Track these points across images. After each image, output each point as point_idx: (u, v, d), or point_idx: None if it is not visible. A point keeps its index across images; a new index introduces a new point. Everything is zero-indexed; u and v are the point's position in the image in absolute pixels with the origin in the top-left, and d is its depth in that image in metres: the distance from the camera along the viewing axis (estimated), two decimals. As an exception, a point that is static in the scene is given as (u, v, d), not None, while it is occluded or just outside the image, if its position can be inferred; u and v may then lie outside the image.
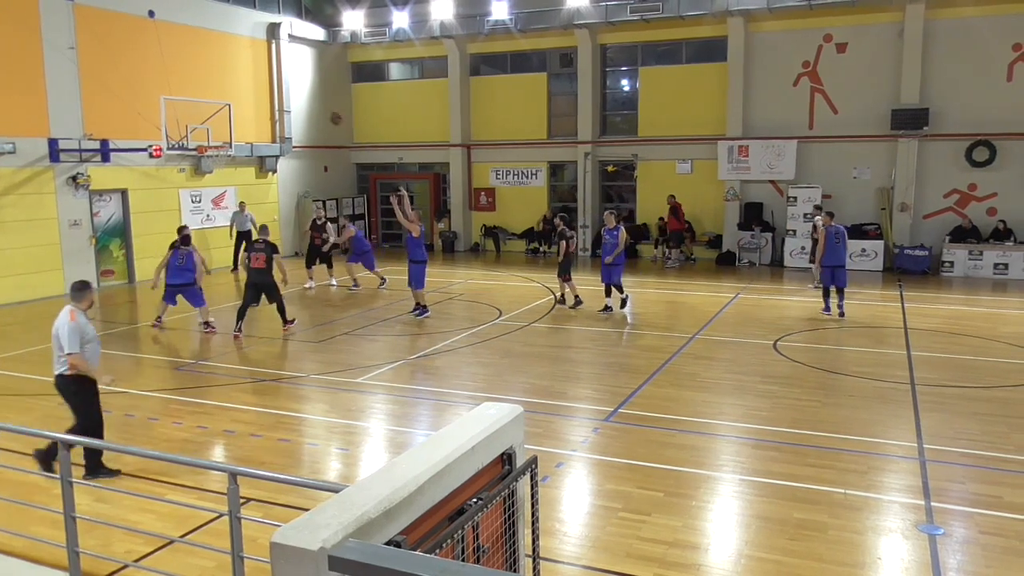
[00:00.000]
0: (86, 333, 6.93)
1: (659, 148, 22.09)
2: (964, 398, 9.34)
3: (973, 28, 18.65)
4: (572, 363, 11.43)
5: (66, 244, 17.37)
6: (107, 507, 6.53)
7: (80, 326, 6.87)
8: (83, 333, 6.88)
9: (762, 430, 8.31)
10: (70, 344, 6.78)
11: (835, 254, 13.73)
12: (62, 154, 16.99)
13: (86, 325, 6.96)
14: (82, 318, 6.95)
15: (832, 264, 13.79)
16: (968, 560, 5.63)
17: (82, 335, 6.87)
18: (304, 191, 24.08)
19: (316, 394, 10.01)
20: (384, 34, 23.68)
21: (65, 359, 6.85)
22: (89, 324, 7.04)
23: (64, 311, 6.96)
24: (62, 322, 6.88)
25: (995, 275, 18.37)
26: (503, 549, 3.55)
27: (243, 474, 4.52)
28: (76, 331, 6.82)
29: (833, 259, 13.75)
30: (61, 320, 6.90)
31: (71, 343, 6.78)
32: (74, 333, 6.80)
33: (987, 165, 18.83)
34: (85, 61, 17.44)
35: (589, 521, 6.39)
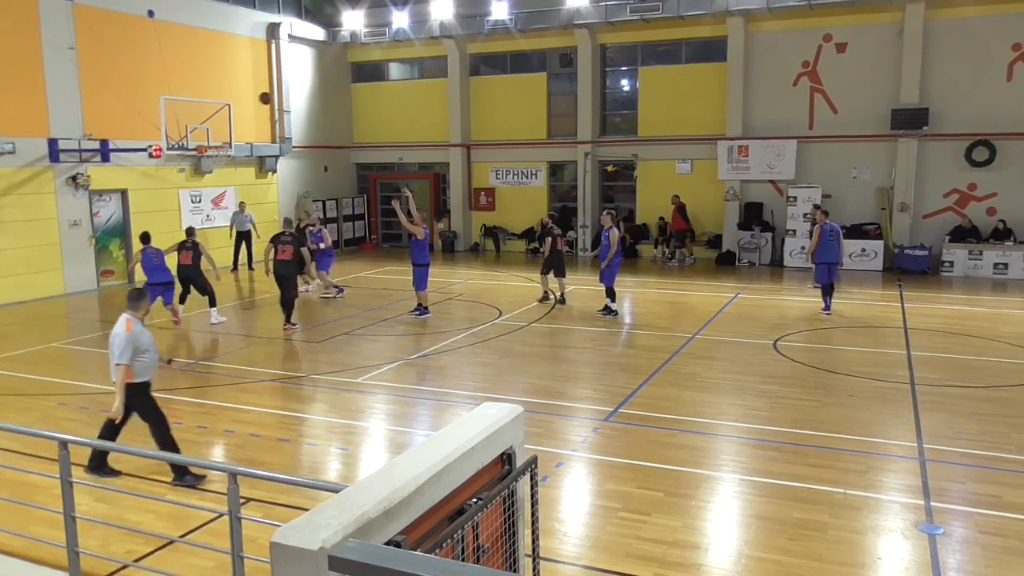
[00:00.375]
0: (141, 343, 6.87)
1: (659, 148, 22.09)
2: (964, 398, 9.34)
3: (973, 28, 18.65)
4: (572, 363, 11.43)
5: (66, 244, 17.37)
6: (107, 507, 6.53)
7: (135, 336, 6.81)
8: (137, 343, 6.83)
9: (762, 430, 8.32)
10: (120, 355, 6.74)
11: (831, 251, 13.94)
12: (62, 154, 16.99)
13: (141, 335, 6.90)
14: (138, 327, 6.89)
15: (828, 261, 14.00)
16: (968, 560, 5.63)
17: (136, 345, 6.81)
18: (304, 191, 24.08)
19: (316, 394, 10.01)
20: (384, 34, 23.69)
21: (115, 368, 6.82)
22: (145, 333, 6.98)
23: (121, 320, 6.92)
24: (118, 331, 6.84)
25: (995, 275, 18.37)
26: (503, 549, 3.55)
27: (243, 474, 4.52)
28: (130, 342, 6.77)
29: (829, 256, 13.97)
30: (117, 329, 6.86)
31: (121, 354, 6.74)
32: (128, 344, 6.76)
33: (987, 165, 18.83)
34: (85, 61, 17.44)
35: (589, 521, 6.39)
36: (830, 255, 13.95)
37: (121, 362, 6.75)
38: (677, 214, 21.05)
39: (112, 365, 6.89)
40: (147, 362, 6.94)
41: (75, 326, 14.54)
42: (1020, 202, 18.67)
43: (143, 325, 6.98)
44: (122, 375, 6.78)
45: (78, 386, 10.31)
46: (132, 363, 6.80)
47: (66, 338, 13.26)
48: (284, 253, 13.38)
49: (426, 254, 14.15)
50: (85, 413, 9.20)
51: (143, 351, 6.88)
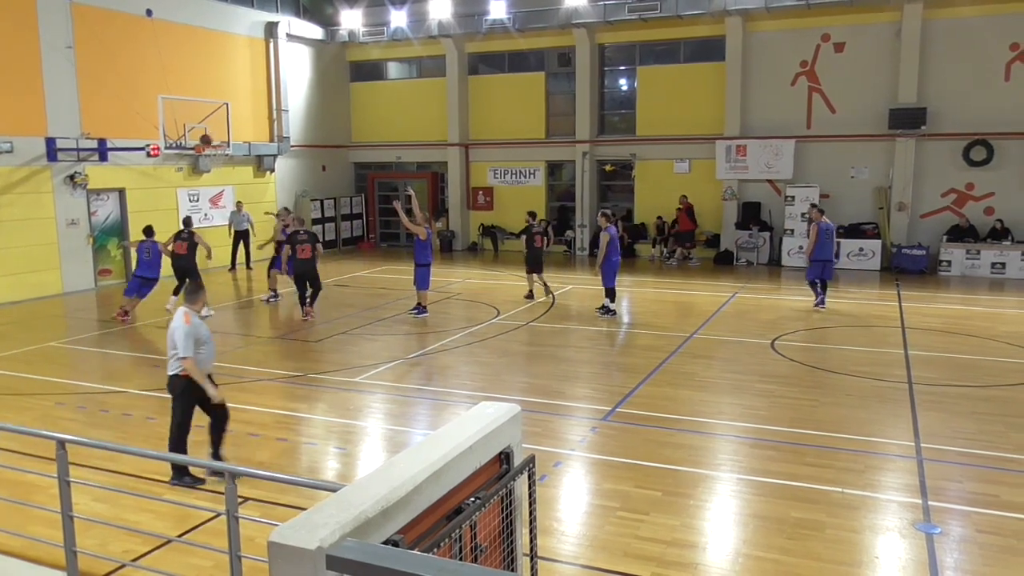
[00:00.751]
0: (200, 335, 6.90)
1: (657, 148, 22.10)
2: (961, 397, 9.35)
3: (971, 28, 18.67)
4: (570, 362, 11.43)
5: (64, 243, 17.35)
6: (105, 507, 6.53)
7: (195, 328, 6.85)
8: (197, 335, 6.86)
9: (760, 429, 8.32)
10: (185, 347, 6.75)
11: (825, 249, 14.39)
12: (60, 153, 16.97)
13: (200, 327, 6.93)
14: (196, 320, 6.92)
15: (822, 259, 14.41)
16: (965, 559, 5.64)
17: (196, 338, 6.84)
18: (302, 190, 24.07)
19: (314, 393, 10.01)
20: (382, 33, 23.68)
21: (179, 361, 6.83)
22: (203, 325, 7.00)
23: (179, 314, 6.93)
24: (177, 324, 6.85)
25: (992, 274, 18.39)
26: (501, 548, 3.55)
27: (241, 473, 4.52)
28: (191, 334, 6.80)
29: (823, 254, 14.37)
30: (176, 322, 6.87)
31: (186, 347, 6.75)
32: (189, 336, 6.78)
33: (984, 164, 18.85)
34: (83, 60, 17.42)
35: (587, 520, 6.39)
36: (825, 253, 14.40)
37: (187, 355, 6.77)
38: (685, 214, 21.07)
39: (172, 360, 6.89)
40: (205, 354, 6.97)
41: (73, 325, 14.52)
42: (1018, 202, 18.70)
43: (200, 319, 7.01)
44: (191, 367, 6.81)
45: (76, 385, 10.30)
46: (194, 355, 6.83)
47: (64, 337, 13.24)
48: (304, 252, 13.91)
49: (428, 254, 14.16)
50: (83, 412, 9.20)
51: (202, 343, 6.91)
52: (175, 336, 6.84)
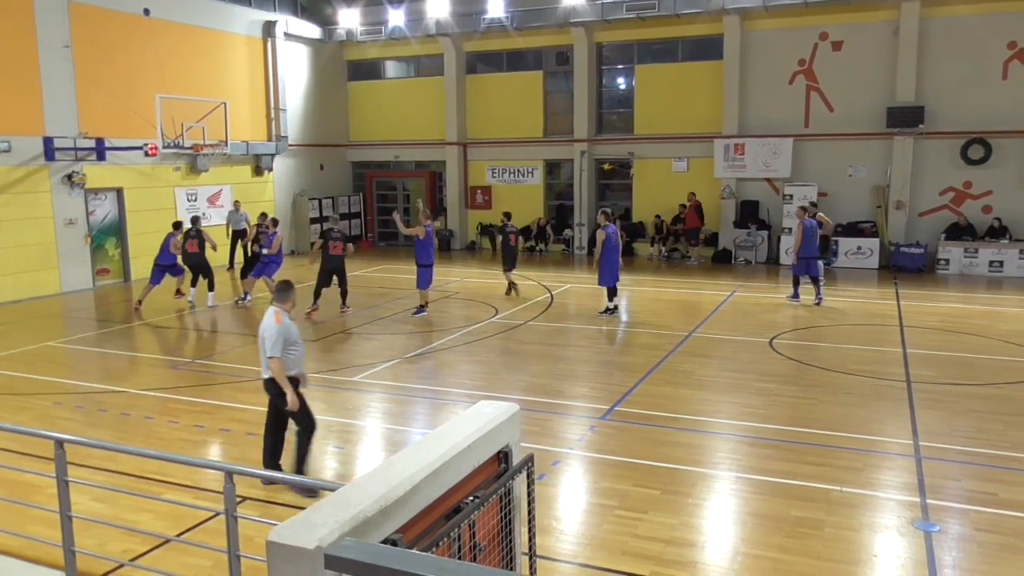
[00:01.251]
0: (290, 335, 6.74)
1: (655, 146, 22.10)
2: (960, 395, 9.36)
3: (968, 26, 18.68)
4: (568, 361, 11.43)
5: (62, 243, 17.33)
6: (103, 506, 6.52)
7: (286, 329, 6.68)
8: (288, 336, 6.70)
9: (758, 428, 8.33)
10: (272, 348, 6.59)
11: (810, 246, 14.83)
12: (57, 153, 16.95)
13: (290, 327, 6.76)
14: (287, 320, 6.75)
15: (808, 256, 14.86)
16: (964, 557, 5.65)
17: (286, 338, 6.68)
18: (300, 190, 24.06)
19: (313, 393, 9.95)
20: (380, 32, 23.66)
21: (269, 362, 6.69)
22: (293, 326, 6.84)
23: (270, 313, 6.77)
24: (268, 324, 6.69)
25: (990, 272, 18.41)
26: (499, 547, 3.55)
27: (240, 473, 4.52)
28: (281, 334, 6.63)
29: (808, 251, 14.83)
30: (267, 322, 6.71)
31: (274, 347, 6.59)
32: (279, 336, 6.61)
33: (982, 163, 18.87)
34: (80, 59, 17.39)
35: (586, 519, 6.40)
36: (810, 249, 14.83)
37: (274, 355, 6.60)
38: (694, 212, 21.09)
39: (263, 359, 6.75)
40: (297, 355, 6.82)
41: (71, 325, 14.51)
42: (1015, 200, 18.72)
43: (291, 319, 6.83)
44: (278, 368, 6.64)
45: (74, 385, 10.29)
46: (284, 356, 6.67)
47: (62, 337, 13.23)
48: (336, 248, 14.27)
49: (428, 254, 14.17)
50: (81, 412, 9.19)
51: (292, 344, 6.74)
52: (265, 336, 6.65)
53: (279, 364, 6.64)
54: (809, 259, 14.88)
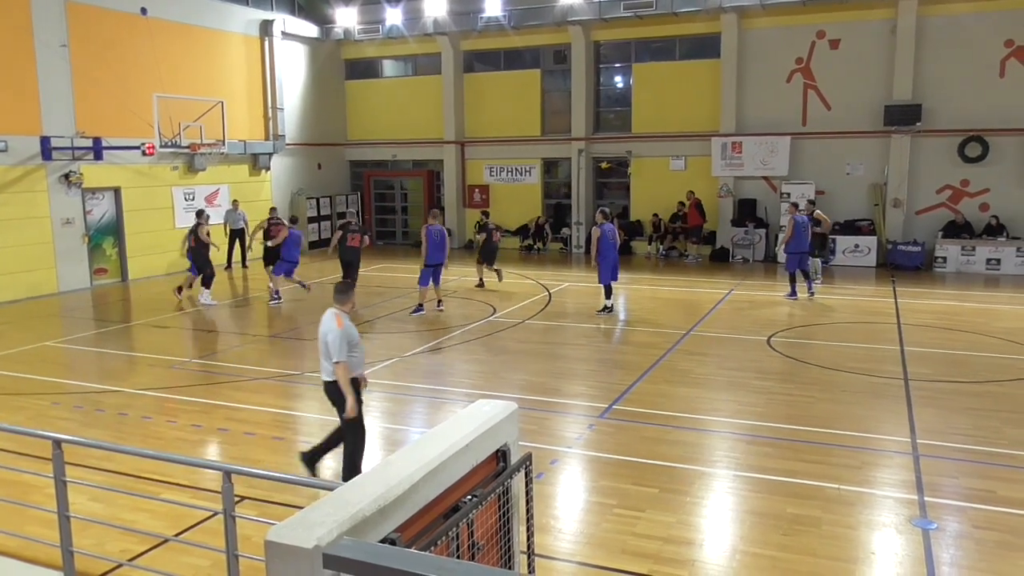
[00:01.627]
0: (352, 337, 6.60)
1: (653, 145, 22.11)
2: (957, 393, 9.38)
3: (965, 24, 18.70)
4: (566, 360, 11.43)
5: (59, 243, 17.30)
6: (101, 506, 6.51)
7: (347, 331, 6.55)
8: (350, 338, 6.56)
9: (756, 426, 8.34)
10: (338, 352, 6.44)
11: (801, 242, 15.09)
12: (54, 152, 16.92)
13: (351, 328, 6.63)
14: (347, 322, 6.62)
15: (799, 251, 15.13)
16: (961, 554, 5.66)
17: (349, 340, 6.54)
18: (298, 189, 24.03)
19: (310, 392, 9.99)
20: (377, 31, 23.64)
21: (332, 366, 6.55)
22: (353, 327, 6.70)
23: (329, 315, 6.62)
24: (329, 327, 6.54)
25: (987, 270, 18.44)
26: (498, 546, 3.55)
27: (237, 472, 4.52)
28: (343, 337, 6.49)
29: (799, 246, 15.09)
30: (328, 325, 6.56)
31: (339, 350, 6.45)
32: (342, 340, 6.46)
33: (979, 161, 18.89)
34: (77, 59, 17.36)
35: (584, 517, 6.40)
36: (801, 245, 15.10)
37: (340, 359, 6.45)
38: (695, 210, 21.11)
39: (325, 363, 6.60)
40: (358, 358, 6.72)
41: (68, 325, 14.49)
42: (1012, 198, 18.74)
43: (350, 320, 6.70)
44: (343, 373, 6.50)
45: (72, 385, 10.27)
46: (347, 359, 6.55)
47: (60, 337, 13.21)
48: (354, 240, 15.00)
49: (430, 255, 14.12)
50: (79, 412, 9.18)
51: (354, 346, 6.64)
52: (327, 340, 6.50)
53: (345, 369, 6.49)
54: (800, 255, 15.15)
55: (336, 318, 6.56)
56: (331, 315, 6.62)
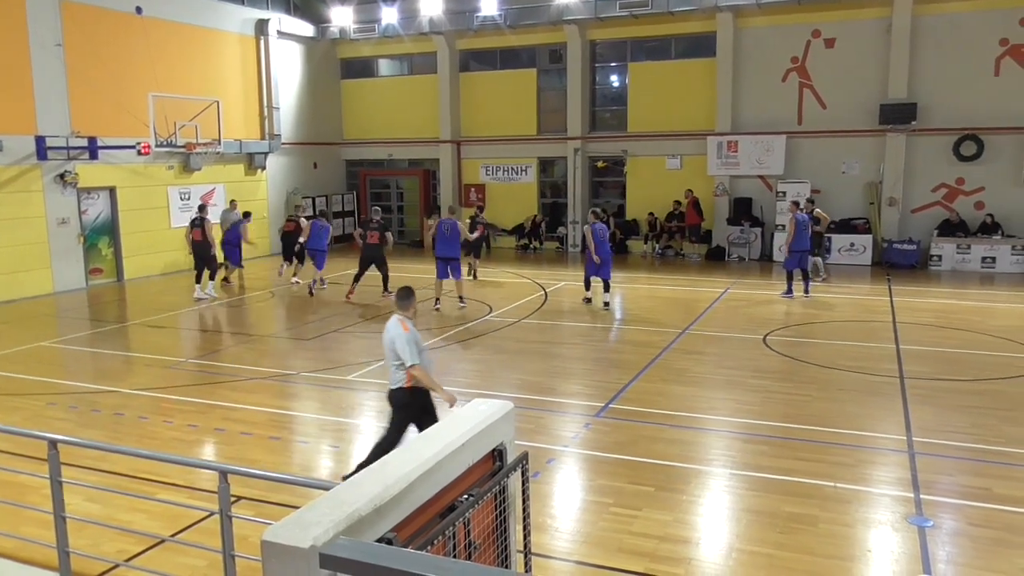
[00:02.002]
0: (420, 341, 6.60)
1: (649, 144, 22.12)
2: (953, 391, 9.40)
3: (960, 23, 18.74)
4: (562, 359, 11.44)
5: (54, 242, 17.25)
6: (97, 507, 6.50)
7: (414, 334, 6.53)
8: (417, 341, 6.54)
9: (752, 424, 8.35)
10: (412, 355, 6.40)
11: (802, 240, 15.13)
12: (49, 152, 16.87)
13: (416, 332, 6.61)
14: (412, 326, 6.60)
15: (800, 249, 15.17)
16: (957, 552, 5.67)
17: (417, 343, 6.51)
18: (293, 188, 23.99)
19: (307, 391, 9.99)
20: (373, 30, 23.60)
21: (403, 372, 6.50)
22: (416, 331, 6.68)
23: (394, 322, 6.59)
24: (396, 333, 6.49)
25: (983, 268, 18.48)
26: (494, 545, 3.55)
27: (234, 472, 4.51)
28: (413, 341, 6.45)
29: (800, 244, 15.13)
30: (394, 331, 6.51)
31: (412, 355, 6.40)
32: (412, 343, 6.42)
33: (974, 159, 18.93)
34: (72, 58, 17.31)
35: (580, 516, 6.41)
36: (802, 243, 15.12)
37: (416, 362, 6.43)
38: (692, 208, 21.14)
39: (395, 372, 6.56)
40: (426, 360, 6.70)
41: (64, 325, 14.45)
42: (1007, 196, 18.79)
43: (413, 324, 6.68)
44: (423, 374, 6.49)
45: (67, 385, 10.25)
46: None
47: (55, 337, 13.18)
48: (373, 237, 15.57)
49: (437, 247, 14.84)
50: (75, 412, 9.16)
51: (422, 349, 6.61)
52: (396, 346, 6.45)
53: (422, 370, 6.47)
54: (801, 253, 15.18)
55: (402, 324, 6.54)
56: (396, 322, 6.59)
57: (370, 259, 15.66)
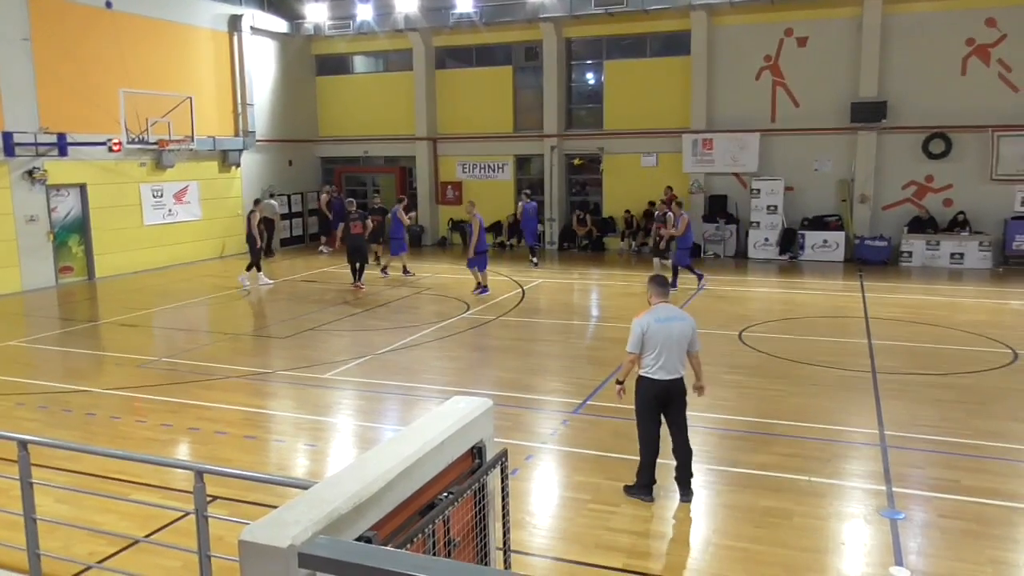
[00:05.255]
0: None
1: (625, 141, 22.21)
2: (923, 385, 9.56)
3: (928, 23, 19.03)
4: (540, 356, 11.46)
5: (23, 240, 16.94)
6: (68, 508, 6.41)
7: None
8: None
9: (728, 420, 8.42)
10: (698, 342, 6.52)
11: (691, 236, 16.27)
12: (17, 148, 16.53)
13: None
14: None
15: (690, 245, 16.18)
16: (928, 543, 5.77)
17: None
18: (268, 185, 23.77)
19: (283, 390, 9.92)
20: (348, 27, 23.42)
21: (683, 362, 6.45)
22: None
23: (677, 310, 6.65)
24: (688, 319, 6.53)
25: (951, 264, 18.80)
26: (474, 542, 3.55)
27: (209, 472, 4.47)
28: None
29: (687, 242, 16.03)
30: (688, 317, 6.56)
31: (696, 341, 6.50)
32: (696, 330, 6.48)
33: (943, 157, 19.24)
34: (40, 53, 16.99)
35: (559, 513, 6.43)
36: (691, 239, 16.23)
37: (701, 349, 6.62)
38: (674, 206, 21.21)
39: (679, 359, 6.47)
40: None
41: (33, 324, 14.20)
42: (975, 193, 19.12)
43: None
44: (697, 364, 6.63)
45: (37, 385, 10.08)
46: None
47: (24, 336, 12.95)
48: (356, 227, 16.31)
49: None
50: (45, 412, 9.01)
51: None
52: (691, 334, 6.45)
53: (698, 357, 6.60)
54: (690, 248, 16.18)
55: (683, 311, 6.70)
56: (678, 310, 6.71)
57: (354, 248, 16.35)
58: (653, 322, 6.41)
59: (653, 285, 6.70)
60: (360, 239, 16.43)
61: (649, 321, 6.42)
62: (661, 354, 6.37)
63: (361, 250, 16.47)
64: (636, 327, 6.43)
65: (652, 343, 6.37)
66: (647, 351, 6.40)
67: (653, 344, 6.37)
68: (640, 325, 6.42)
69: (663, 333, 6.36)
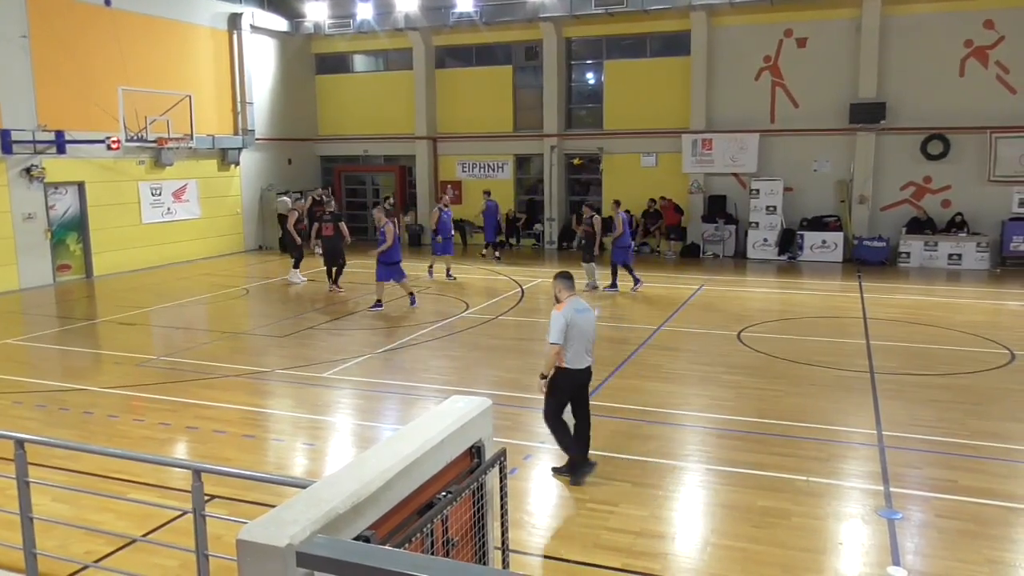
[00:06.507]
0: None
1: (624, 141, 22.21)
2: (921, 385, 9.56)
3: (927, 24, 19.05)
4: (539, 355, 11.39)
5: (20, 238, 16.92)
6: (66, 507, 6.40)
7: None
8: None
9: (727, 420, 8.43)
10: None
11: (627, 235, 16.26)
12: (15, 146, 16.52)
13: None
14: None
15: (625, 245, 16.17)
16: (925, 543, 5.78)
17: None
18: (268, 184, 23.77)
19: (281, 389, 9.91)
20: (348, 25, 23.42)
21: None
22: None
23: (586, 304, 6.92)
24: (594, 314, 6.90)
25: (949, 265, 18.82)
26: (472, 542, 3.55)
27: (207, 471, 4.46)
28: None
29: (624, 241, 16.11)
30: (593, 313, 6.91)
31: None
32: None
33: (941, 158, 19.26)
34: (38, 50, 16.97)
35: (557, 512, 6.43)
36: (627, 239, 16.22)
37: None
38: (672, 210, 21.27)
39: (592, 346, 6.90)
40: None
41: (30, 322, 14.18)
42: (973, 194, 19.14)
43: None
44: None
45: (34, 383, 10.06)
46: None
47: (21, 334, 12.93)
48: (327, 230, 16.10)
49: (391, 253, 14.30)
50: (42, 411, 9.00)
51: None
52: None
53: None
54: (627, 247, 16.16)
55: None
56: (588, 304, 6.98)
57: (328, 250, 16.13)
58: (574, 313, 6.66)
59: (560, 280, 6.93)
60: (332, 241, 15.97)
61: (571, 313, 6.65)
62: (581, 344, 6.68)
63: (336, 252, 16.02)
64: (559, 319, 6.60)
65: (573, 333, 6.63)
66: (569, 343, 6.64)
67: (574, 334, 6.64)
68: (563, 317, 6.61)
69: (582, 323, 6.66)
